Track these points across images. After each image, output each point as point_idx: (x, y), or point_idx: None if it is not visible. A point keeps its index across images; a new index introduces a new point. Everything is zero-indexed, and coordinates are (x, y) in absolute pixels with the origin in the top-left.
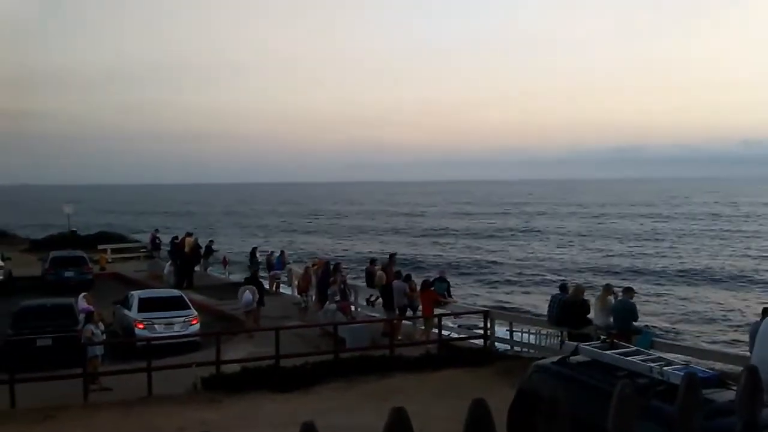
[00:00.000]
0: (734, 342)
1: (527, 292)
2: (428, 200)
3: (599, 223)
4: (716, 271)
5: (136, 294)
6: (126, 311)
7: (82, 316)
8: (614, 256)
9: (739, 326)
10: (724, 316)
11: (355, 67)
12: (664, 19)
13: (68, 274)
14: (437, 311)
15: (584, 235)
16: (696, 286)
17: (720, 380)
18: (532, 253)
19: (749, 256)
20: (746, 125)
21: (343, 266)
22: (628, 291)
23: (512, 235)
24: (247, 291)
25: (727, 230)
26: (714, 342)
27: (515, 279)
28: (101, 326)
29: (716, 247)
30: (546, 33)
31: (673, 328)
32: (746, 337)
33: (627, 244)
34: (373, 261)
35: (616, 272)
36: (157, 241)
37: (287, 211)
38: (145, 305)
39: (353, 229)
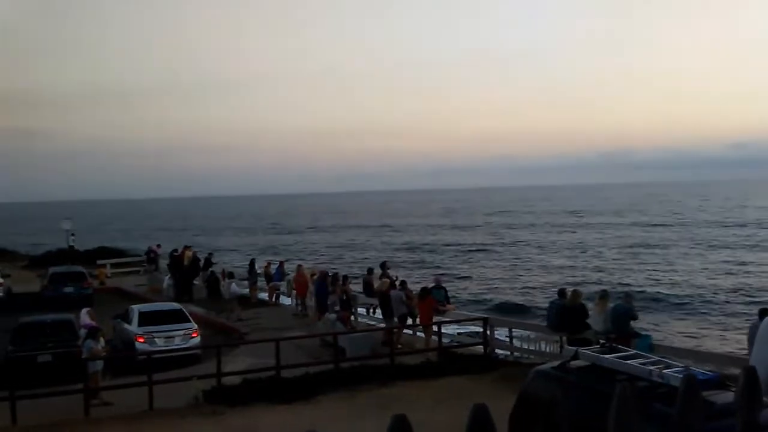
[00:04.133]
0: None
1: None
2: (421, 210)
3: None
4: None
5: (136, 308)
6: (126, 325)
7: (82, 331)
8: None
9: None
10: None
11: (343, 79)
12: (650, 23)
13: (68, 289)
14: (437, 319)
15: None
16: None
17: (720, 382)
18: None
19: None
20: (735, 128)
21: (341, 275)
22: (627, 296)
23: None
24: (233, 284)
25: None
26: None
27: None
28: (101, 341)
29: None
30: (529, 41)
31: (670, 335)
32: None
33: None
34: (370, 270)
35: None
36: (152, 255)
37: (279, 223)
38: (146, 319)
39: (341, 241)
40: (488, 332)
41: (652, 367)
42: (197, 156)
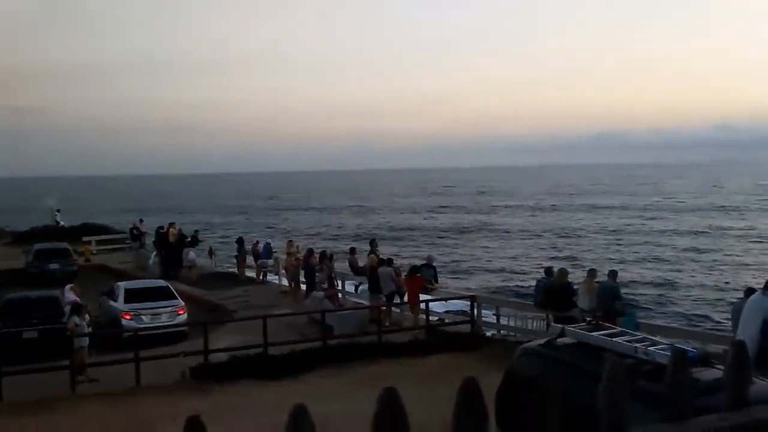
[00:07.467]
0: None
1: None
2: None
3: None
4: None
5: (122, 285)
6: (112, 302)
7: (67, 308)
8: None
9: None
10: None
11: (347, 57)
12: (643, 5)
13: (53, 266)
14: (424, 297)
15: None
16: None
17: (704, 359)
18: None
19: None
20: (722, 110)
21: (329, 253)
22: (612, 274)
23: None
24: (191, 252)
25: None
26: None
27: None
28: (87, 318)
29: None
30: (522, 20)
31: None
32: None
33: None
34: (352, 250)
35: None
36: (135, 231)
37: (271, 201)
38: (132, 296)
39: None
40: (475, 310)
41: (637, 345)
42: (180, 134)
